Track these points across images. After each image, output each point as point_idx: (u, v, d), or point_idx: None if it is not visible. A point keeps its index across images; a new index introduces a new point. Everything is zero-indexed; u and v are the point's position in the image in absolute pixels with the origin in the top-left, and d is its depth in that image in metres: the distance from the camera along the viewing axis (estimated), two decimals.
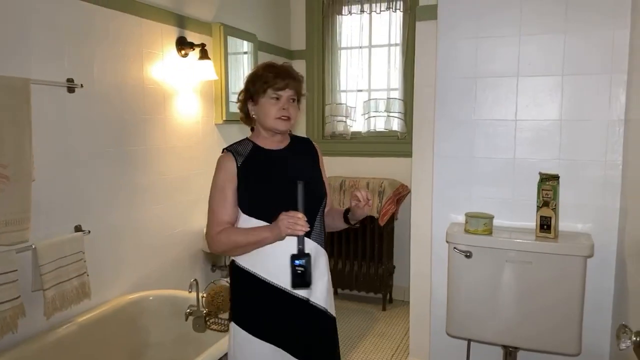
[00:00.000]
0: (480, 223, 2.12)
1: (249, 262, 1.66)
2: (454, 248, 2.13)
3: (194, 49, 2.88)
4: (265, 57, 3.70)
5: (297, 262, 1.55)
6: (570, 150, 2.12)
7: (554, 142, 2.14)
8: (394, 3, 3.87)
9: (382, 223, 3.66)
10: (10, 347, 1.94)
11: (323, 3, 4.09)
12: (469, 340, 2.26)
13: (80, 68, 2.24)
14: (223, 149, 1.71)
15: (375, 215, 3.67)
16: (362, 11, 3.99)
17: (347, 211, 1.76)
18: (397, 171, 3.88)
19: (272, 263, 1.63)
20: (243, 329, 1.67)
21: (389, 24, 3.94)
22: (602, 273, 2.08)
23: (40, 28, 2.05)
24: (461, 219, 2.28)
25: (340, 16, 4.09)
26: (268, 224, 1.59)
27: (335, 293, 4.10)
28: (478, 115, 2.25)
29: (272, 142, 1.72)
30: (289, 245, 1.58)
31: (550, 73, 2.13)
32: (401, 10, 3.86)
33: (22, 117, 1.93)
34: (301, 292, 1.65)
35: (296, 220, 1.51)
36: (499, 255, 2.07)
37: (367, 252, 3.86)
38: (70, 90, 2.19)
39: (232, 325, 1.71)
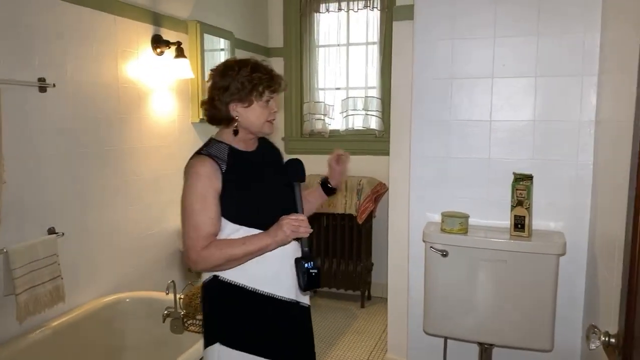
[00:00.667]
0: (456, 222, 2.15)
1: (237, 274, 1.54)
2: (430, 247, 2.16)
3: (169, 47, 2.84)
4: (242, 55, 3.67)
5: (308, 265, 1.50)
6: (543, 150, 2.16)
7: (528, 142, 2.18)
8: (372, 1, 3.88)
9: (360, 221, 3.69)
10: None
11: (301, 1, 4.07)
12: (446, 338, 2.30)
13: (52, 67, 2.19)
14: (195, 153, 1.56)
15: (354, 213, 3.69)
16: (339, 9, 3.99)
17: (324, 184, 1.77)
18: (375, 169, 3.90)
19: (261, 271, 1.55)
20: (237, 349, 1.55)
21: (366, 22, 3.95)
22: (574, 271, 2.13)
23: (8, 26, 2.00)
24: (437, 218, 2.30)
25: (318, 14, 4.09)
26: (259, 231, 1.51)
27: (314, 291, 4.12)
28: (454, 116, 2.28)
29: (247, 144, 1.63)
30: (275, 252, 1.53)
31: (524, 74, 2.17)
32: (378, 8, 3.88)
33: None
34: (291, 296, 1.60)
35: (300, 222, 1.47)
36: (475, 254, 2.10)
37: (346, 250, 3.87)
38: (42, 89, 2.15)
39: (216, 348, 1.56)
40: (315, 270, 1.51)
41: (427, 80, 2.32)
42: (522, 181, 2.10)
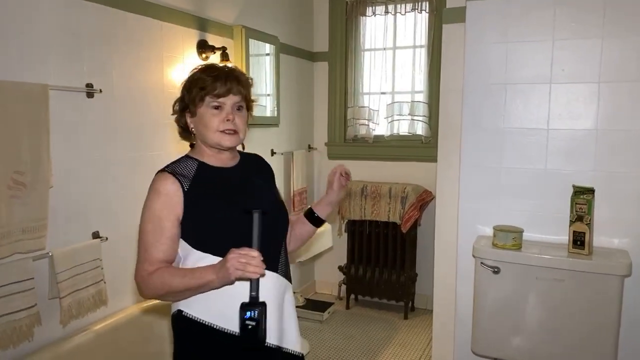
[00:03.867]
0: (509, 237, 2.03)
1: (202, 309, 1.34)
2: (481, 263, 2.04)
3: (215, 52, 2.83)
4: (287, 60, 3.64)
5: (248, 314, 1.19)
6: (606, 161, 2.01)
7: (589, 153, 2.03)
8: (420, 4, 3.77)
9: (404, 230, 3.58)
10: (26, 355, 1.92)
11: (346, 4, 4.01)
12: (495, 359, 2.17)
13: (99, 73, 2.21)
14: (159, 171, 1.38)
15: (398, 221, 3.58)
16: (386, 12, 3.90)
17: (310, 213, 1.54)
18: (421, 176, 3.78)
19: (232, 306, 1.27)
20: None
21: (414, 25, 3.84)
22: None
23: (58, 33, 2.03)
24: (489, 231, 2.18)
25: (364, 17, 4.01)
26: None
27: (355, 299, 4.03)
28: (508, 124, 2.15)
29: (220, 160, 1.43)
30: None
31: (585, 80, 2.02)
32: (427, 11, 3.76)
33: (40, 123, 1.91)
34: (271, 340, 1.34)
35: (249, 259, 1.18)
36: (529, 271, 1.97)
37: (389, 259, 3.77)
38: (89, 95, 2.16)
39: None
40: (253, 323, 1.19)
41: (479, 86, 2.20)
42: (583, 195, 1.95)
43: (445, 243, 2.58)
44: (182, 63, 2.68)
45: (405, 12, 3.84)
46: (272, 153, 3.51)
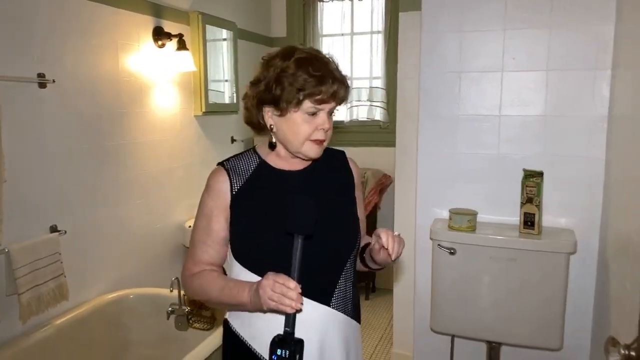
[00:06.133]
0: (464, 220, 2.11)
1: (243, 323, 1.24)
2: (438, 245, 2.13)
3: (171, 40, 2.78)
4: (244, 45, 3.61)
5: (278, 351, 1.04)
6: (554, 146, 2.11)
7: (538, 138, 2.13)
8: None
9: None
10: None
11: None
12: (453, 336, 2.27)
13: (51, 62, 2.14)
14: (218, 162, 1.25)
15: None
16: None
17: (365, 248, 1.29)
18: (380, 161, 3.86)
19: (268, 331, 1.10)
20: None
21: (371, 11, 3.88)
22: (585, 269, 2.09)
23: (6, 20, 1.95)
24: (445, 214, 2.27)
25: (321, 3, 4.01)
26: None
27: None
28: (462, 111, 2.23)
29: (286, 162, 1.24)
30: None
31: (534, 68, 2.11)
32: None
33: None
34: None
35: (284, 290, 1.01)
36: (483, 252, 2.07)
37: None
38: (42, 85, 2.10)
39: None
40: None
41: (435, 74, 2.26)
42: (532, 178, 2.06)
43: (404, 226, 2.66)
44: (138, 51, 2.62)
45: None
46: (232, 140, 3.50)
